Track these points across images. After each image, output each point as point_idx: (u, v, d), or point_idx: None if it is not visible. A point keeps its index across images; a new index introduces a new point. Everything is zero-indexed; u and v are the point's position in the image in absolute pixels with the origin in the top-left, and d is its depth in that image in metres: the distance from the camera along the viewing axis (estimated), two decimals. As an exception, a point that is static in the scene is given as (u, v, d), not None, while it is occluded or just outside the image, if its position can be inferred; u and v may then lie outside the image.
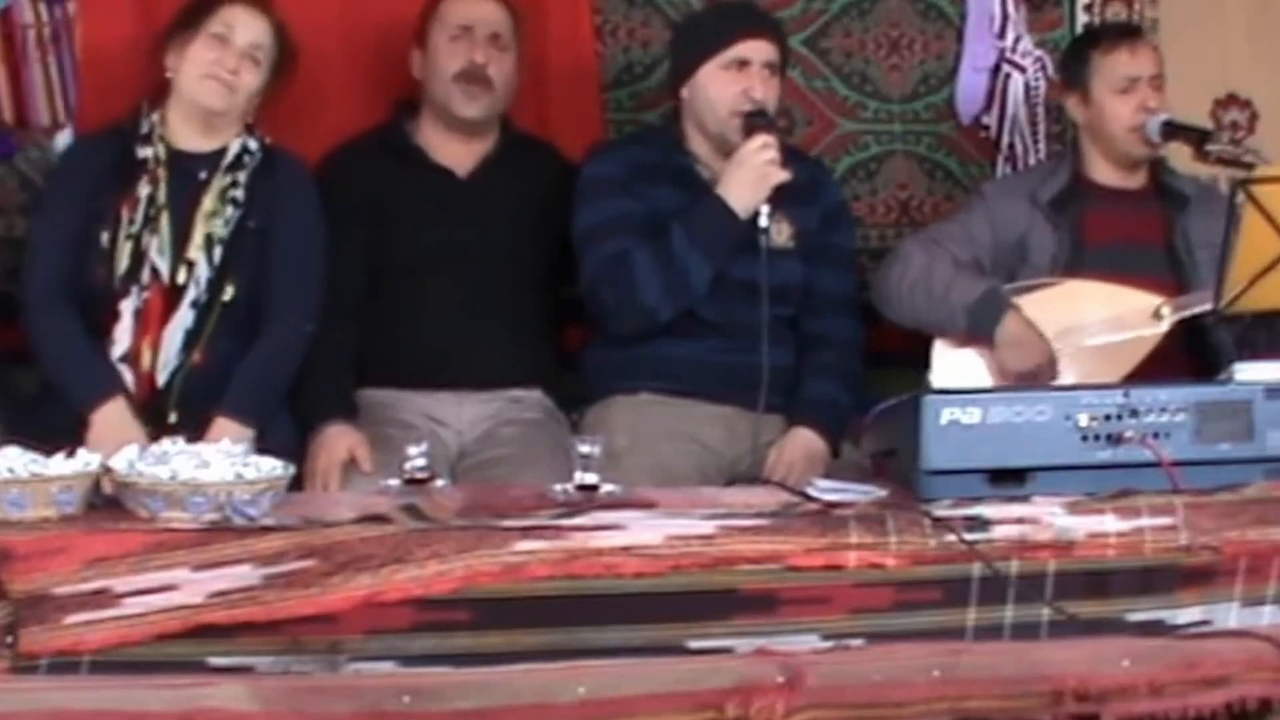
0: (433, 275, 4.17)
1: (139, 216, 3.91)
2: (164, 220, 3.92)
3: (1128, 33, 4.43)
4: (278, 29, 4.01)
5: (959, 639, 3.19)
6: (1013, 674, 3.08)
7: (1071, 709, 3.07)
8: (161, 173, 3.95)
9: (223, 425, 3.80)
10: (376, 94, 4.39)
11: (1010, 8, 4.71)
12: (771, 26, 4.21)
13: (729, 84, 4.08)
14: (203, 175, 3.97)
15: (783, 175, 3.97)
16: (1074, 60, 4.42)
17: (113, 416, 3.81)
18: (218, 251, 3.93)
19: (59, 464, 3.14)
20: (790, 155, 4.24)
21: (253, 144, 4.02)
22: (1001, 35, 4.72)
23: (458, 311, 4.17)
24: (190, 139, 3.99)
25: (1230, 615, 3.29)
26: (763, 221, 3.97)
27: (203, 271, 3.92)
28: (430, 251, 4.18)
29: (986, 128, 4.76)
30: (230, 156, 3.99)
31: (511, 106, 4.36)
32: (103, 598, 2.97)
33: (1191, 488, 3.31)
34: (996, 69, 4.73)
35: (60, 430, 3.55)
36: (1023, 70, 4.72)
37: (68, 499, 3.10)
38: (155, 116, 3.99)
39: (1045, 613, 3.22)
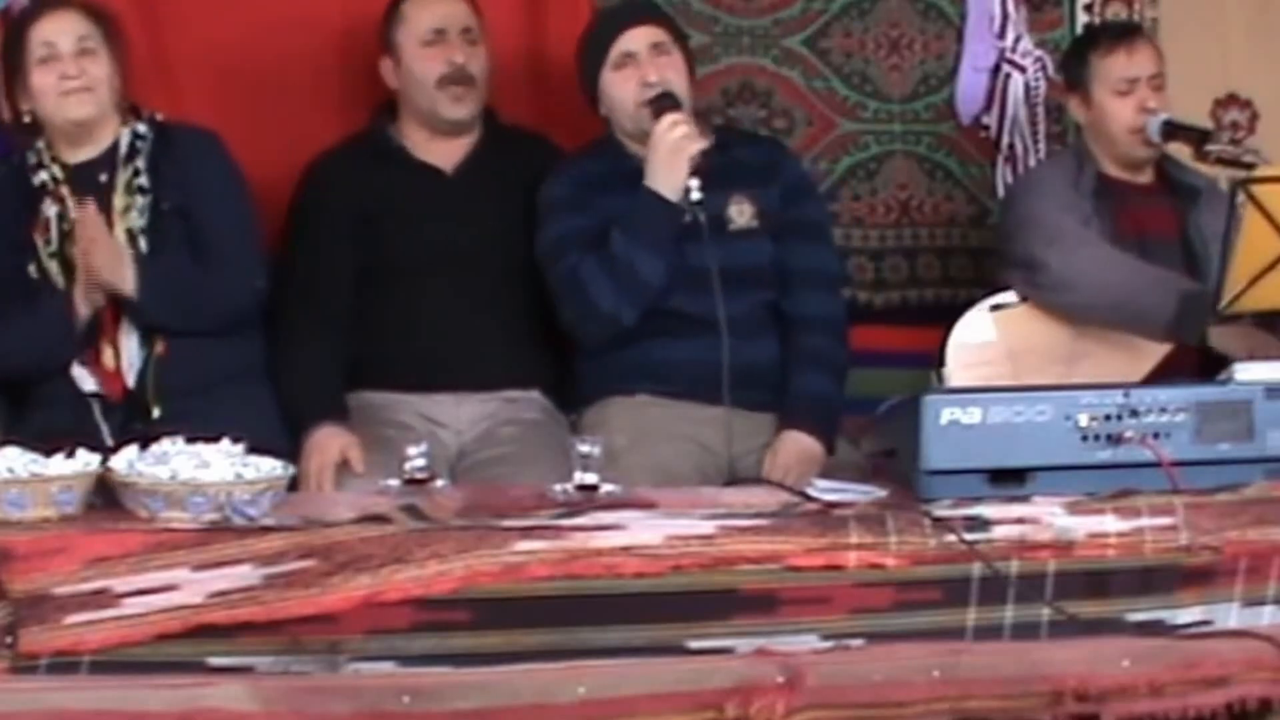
0: (428, 276, 4.16)
1: (54, 235, 3.91)
2: None
3: (1126, 33, 4.41)
4: (86, 8, 3.96)
5: (959, 639, 3.19)
6: (1013, 674, 3.08)
7: (1071, 709, 3.07)
8: (64, 190, 3.94)
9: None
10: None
11: (1010, 8, 4.71)
12: (648, 11, 4.23)
13: (625, 81, 4.10)
14: (103, 177, 3.95)
15: (698, 144, 3.96)
16: (1074, 61, 4.41)
17: None
18: (142, 242, 3.92)
19: (59, 464, 3.14)
20: (744, 137, 4.28)
21: (141, 128, 3.99)
22: (1001, 35, 4.72)
23: (454, 313, 4.16)
24: (78, 152, 3.97)
25: (1230, 615, 3.29)
26: (695, 195, 3.96)
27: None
28: (423, 252, 4.17)
29: (986, 128, 4.75)
30: (124, 149, 3.97)
31: (510, 102, 4.36)
32: (103, 598, 2.97)
33: (1191, 488, 3.32)
34: (996, 69, 4.73)
35: (59, 430, 3.56)
36: (1023, 70, 4.72)
37: (68, 499, 3.11)
38: (40, 144, 3.98)
39: (1045, 613, 3.22)
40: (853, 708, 3.01)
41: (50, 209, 3.93)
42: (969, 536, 3.21)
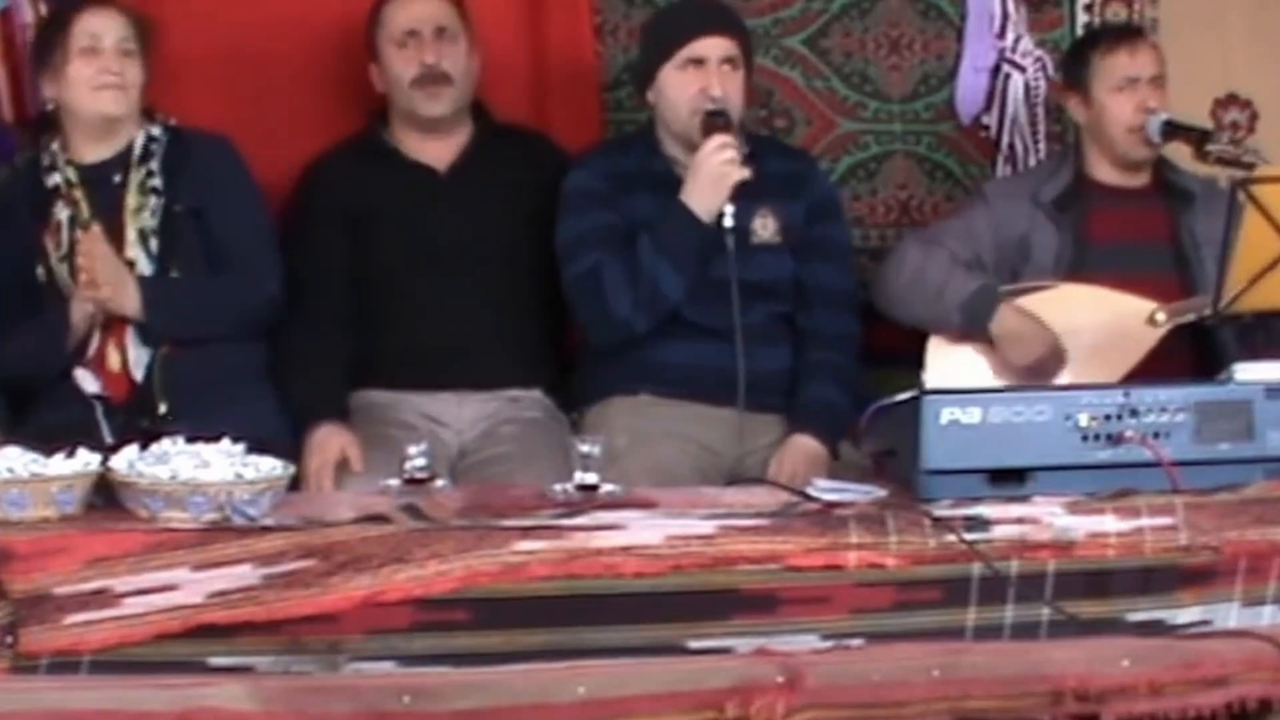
0: (426, 275, 4.17)
1: (64, 239, 3.92)
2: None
3: (1128, 33, 4.42)
4: (127, 12, 4.00)
5: (959, 639, 3.20)
6: (1013, 674, 3.08)
7: (1071, 709, 3.07)
8: (77, 193, 3.96)
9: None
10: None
11: (1010, 8, 4.71)
12: (726, 21, 4.17)
13: (687, 84, 4.05)
14: (117, 178, 3.97)
15: (741, 174, 3.93)
16: (1074, 61, 4.42)
17: None
18: (153, 243, 3.94)
19: (59, 464, 3.14)
20: (777, 149, 4.26)
21: (155, 130, 4.02)
22: (1001, 35, 4.71)
23: (454, 311, 4.16)
24: (95, 151, 3.99)
25: (1230, 615, 3.29)
26: (728, 221, 3.94)
27: (144, 267, 3.92)
28: (419, 250, 4.17)
29: (986, 128, 4.75)
30: (138, 150, 3.99)
31: (510, 102, 4.36)
32: (103, 598, 2.97)
33: (1191, 488, 3.32)
34: (996, 69, 4.72)
35: (60, 430, 3.56)
36: (1023, 70, 4.71)
37: (68, 499, 3.11)
38: (55, 145, 3.99)
39: (1045, 613, 3.23)
40: (852, 708, 3.01)
41: (62, 212, 3.95)
42: (969, 536, 3.21)
